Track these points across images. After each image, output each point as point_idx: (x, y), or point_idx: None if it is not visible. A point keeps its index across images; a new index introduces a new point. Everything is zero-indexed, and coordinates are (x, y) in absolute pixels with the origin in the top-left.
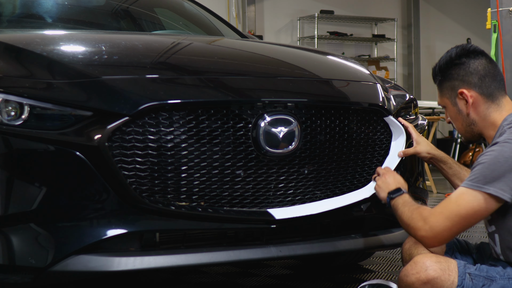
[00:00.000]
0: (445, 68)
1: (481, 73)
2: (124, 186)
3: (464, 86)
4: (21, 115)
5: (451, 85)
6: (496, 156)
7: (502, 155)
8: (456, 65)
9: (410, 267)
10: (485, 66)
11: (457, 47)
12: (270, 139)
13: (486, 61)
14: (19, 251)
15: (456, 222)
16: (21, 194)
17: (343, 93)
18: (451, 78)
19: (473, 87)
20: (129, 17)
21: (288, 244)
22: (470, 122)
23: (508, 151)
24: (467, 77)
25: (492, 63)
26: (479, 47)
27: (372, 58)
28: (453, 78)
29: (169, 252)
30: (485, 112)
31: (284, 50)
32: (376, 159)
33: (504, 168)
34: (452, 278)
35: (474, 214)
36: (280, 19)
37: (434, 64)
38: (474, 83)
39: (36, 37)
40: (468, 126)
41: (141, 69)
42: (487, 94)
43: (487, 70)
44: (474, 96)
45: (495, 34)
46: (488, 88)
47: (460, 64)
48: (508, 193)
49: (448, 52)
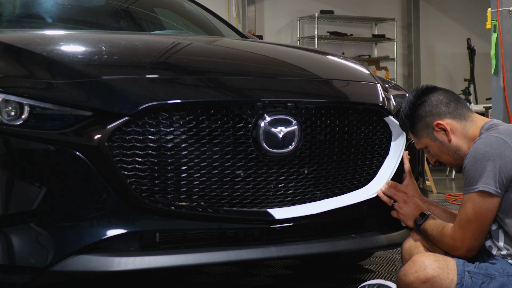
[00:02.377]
0: (411, 113)
1: (444, 101)
2: (124, 186)
3: (436, 118)
4: (21, 115)
5: (424, 124)
6: (474, 155)
7: (479, 152)
8: (420, 105)
9: (409, 266)
10: (444, 94)
11: (411, 92)
12: (270, 139)
13: (443, 91)
14: (19, 251)
15: (474, 229)
16: (21, 194)
17: (343, 93)
18: (421, 118)
19: (444, 116)
20: (129, 17)
21: (288, 244)
22: (455, 149)
23: (483, 146)
24: (435, 110)
25: (447, 91)
26: (429, 84)
27: (372, 58)
28: (423, 117)
29: (169, 252)
30: (464, 133)
31: (284, 50)
32: (376, 159)
33: (483, 163)
34: (451, 277)
35: (482, 215)
36: (280, 19)
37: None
38: (444, 112)
39: (36, 37)
40: (455, 154)
41: (141, 69)
42: (459, 116)
43: (447, 97)
44: (449, 122)
45: (495, 34)
46: (456, 110)
47: (422, 103)
48: (492, 185)
49: (405, 100)
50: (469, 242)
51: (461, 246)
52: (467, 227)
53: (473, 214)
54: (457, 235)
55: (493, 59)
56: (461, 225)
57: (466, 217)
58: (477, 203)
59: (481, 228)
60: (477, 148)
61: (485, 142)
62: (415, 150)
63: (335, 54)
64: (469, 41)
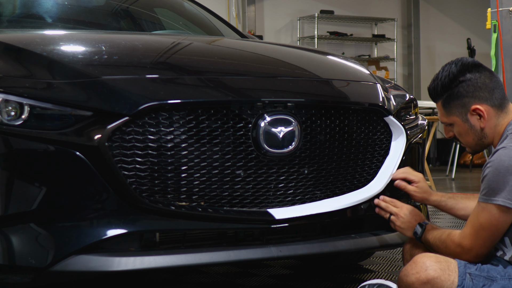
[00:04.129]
0: (450, 86)
1: (490, 86)
2: (124, 186)
3: (476, 102)
4: (21, 115)
5: (460, 103)
6: (497, 167)
7: (502, 164)
8: (462, 82)
9: (410, 267)
10: (490, 78)
11: (455, 63)
12: (270, 139)
13: (489, 73)
14: (19, 251)
15: (485, 238)
16: (21, 194)
17: (343, 93)
18: (459, 96)
19: (484, 102)
20: (129, 17)
21: (288, 244)
22: (482, 136)
23: (507, 159)
24: (478, 93)
25: (492, 73)
26: (476, 60)
27: (372, 58)
28: (462, 96)
29: (169, 252)
30: (495, 123)
31: (284, 50)
32: (376, 159)
33: (506, 177)
34: (452, 278)
35: (497, 226)
36: (280, 19)
37: (432, 84)
38: (485, 97)
39: (36, 37)
40: (479, 140)
41: (141, 69)
42: (498, 105)
43: (493, 81)
44: (487, 109)
45: (495, 34)
46: (498, 99)
47: (466, 81)
48: None
49: (446, 69)
50: (479, 249)
51: (468, 252)
52: (479, 235)
53: (488, 224)
54: (467, 241)
55: (493, 59)
56: (473, 232)
57: (480, 225)
58: (494, 214)
59: (493, 237)
60: (501, 159)
61: (510, 155)
62: (415, 150)
63: (335, 54)
64: (469, 41)
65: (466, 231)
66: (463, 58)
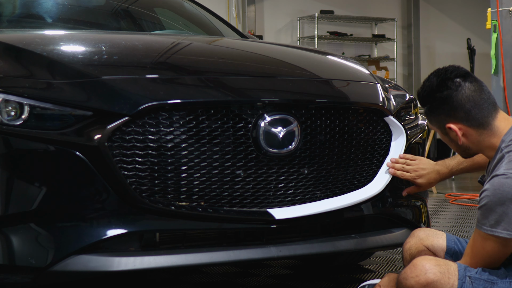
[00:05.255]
0: (428, 100)
1: (466, 106)
2: (124, 186)
3: (451, 121)
4: (21, 115)
5: (437, 119)
6: (500, 197)
7: (505, 193)
8: (439, 99)
9: (409, 270)
10: (469, 97)
11: (437, 74)
12: (270, 139)
13: (469, 89)
14: (19, 251)
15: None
16: (21, 194)
17: (343, 93)
18: (436, 112)
19: (460, 121)
20: (129, 17)
21: (288, 244)
22: (465, 148)
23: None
24: (452, 112)
25: (476, 87)
26: (460, 70)
27: (372, 58)
28: (439, 112)
29: (169, 252)
30: (478, 139)
31: (284, 50)
32: (376, 159)
33: (503, 208)
34: (452, 281)
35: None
36: (280, 19)
37: (419, 89)
38: (461, 117)
39: (36, 37)
40: (463, 151)
41: (141, 69)
42: (476, 125)
43: (471, 101)
44: (463, 128)
45: (495, 34)
46: (476, 119)
47: (442, 99)
48: None
49: (429, 80)
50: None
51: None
52: (481, 261)
53: (491, 252)
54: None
55: (493, 59)
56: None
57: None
58: (501, 245)
59: (496, 261)
60: (503, 188)
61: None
62: (415, 150)
63: (335, 54)
64: (469, 41)
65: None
66: (449, 68)
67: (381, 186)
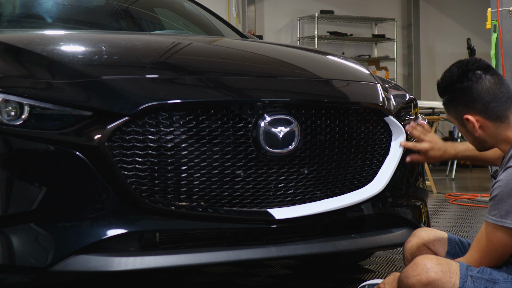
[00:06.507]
0: (448, 90)
1: (485, 99)
2: (124, 186)
3: (469, 112)
4: (21, 115)
5: (455, 109)
6: (505, 187)
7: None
8: (459, 90)
9: (411, 268)
10: (488, 90)
11: (458, 65)
12: (270, 139)
13: (489, 82)
14: (19, 251)
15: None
16: (21, 194)
17: (343, 93)
18: (455, 102)
19: (478, 113)
20: (129, 17)
21: (288, 244)
22: (481, 140)
23: None
24: (471, 103)
25: (496, 80)
26: (482, 62)
27: (372, 58)
28: (457, 103)
29: (169, 252)
30: (495, 132)
31: (284, 50)
32: (376, 159)
33: None
34: (453, 281)
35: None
36: (280, 19)
37: (438, 82)
38: (479, 109)
39: (36, 37)
40: (479, 143)
41: (141, 69)
42: (494, 118)
43: (491, 93)
44: (480, 120)
45: (495, 34)
46: (494, 112)
47: (462, 89)
48: None
49: (450, 70)
50: (486, 264)
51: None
52: (487, 255)
53: (498, 245)
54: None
55: (493, 59)
56: (487, 256)
57: (495, 248)
58: (505, 236)
59: (502, 256)
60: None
61: None
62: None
63: (335, 54)
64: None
65: (476, 255)
66: (471, 61)
67: (381, 186)
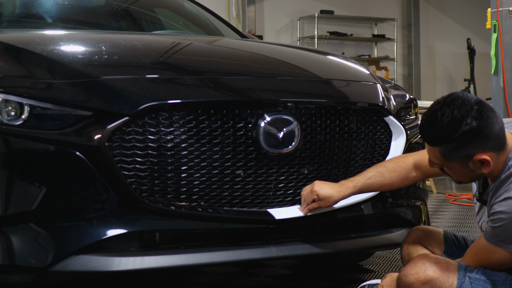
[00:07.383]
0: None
1: (495, 133)
2: (124, 186)
3: (481, 152)
4: (21, 115)
5: (463, 154)
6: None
7: None
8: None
9: (409, 267)
10: (493, 123)
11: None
12: (270, 139)
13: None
14: (19, 251)
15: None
16: (21, 194)
17: (343, 93)
18: (463, 147)
19: (489, 150)
20: (129, 17)
21: (288, 244)
22: (479, 176)
23: None
24: (484, 143)
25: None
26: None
27: (372, 58)
28: (467, 147)
29: (169, 252)
30: (496, 162)
31: (284, 50)
32: (376, 159)
33: None
34: (451, 280)
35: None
36: (280, 19)
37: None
38: (491, 146)
39: (36, 37)
40: (473, 178)
41: (141, 69)
42: (499, 148)
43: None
44: (492, 156)
45: (495, 34)
46: (502, 143)
47: (471, 130)
48: None
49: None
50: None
51: None
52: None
53: (497, 261)
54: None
55: (493, 59)
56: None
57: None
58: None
59: (499, 268)
60: None
61: None
62: (415, 150)
63: (335, 54)
64: (469, 41)
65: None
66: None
67: None
